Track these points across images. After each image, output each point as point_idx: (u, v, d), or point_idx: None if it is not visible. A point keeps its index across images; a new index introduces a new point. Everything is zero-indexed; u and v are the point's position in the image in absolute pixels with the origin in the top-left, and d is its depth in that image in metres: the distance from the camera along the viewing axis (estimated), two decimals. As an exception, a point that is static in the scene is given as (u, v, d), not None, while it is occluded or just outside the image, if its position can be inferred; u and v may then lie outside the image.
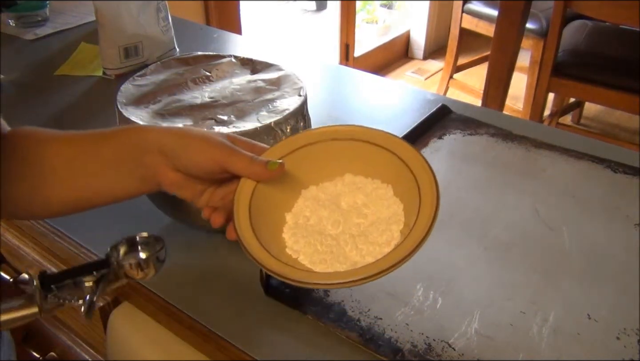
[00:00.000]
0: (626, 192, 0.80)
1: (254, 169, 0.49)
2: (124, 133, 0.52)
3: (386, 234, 0.50)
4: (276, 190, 0.51)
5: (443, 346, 0.57)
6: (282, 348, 0.58)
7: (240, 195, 0.50)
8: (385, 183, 0.54)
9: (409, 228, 0.47)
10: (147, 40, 1.12)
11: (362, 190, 0.54)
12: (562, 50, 1.85)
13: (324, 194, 0.54)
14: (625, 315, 0.61)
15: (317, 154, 0.53)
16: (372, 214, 0.52)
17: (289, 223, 0.52)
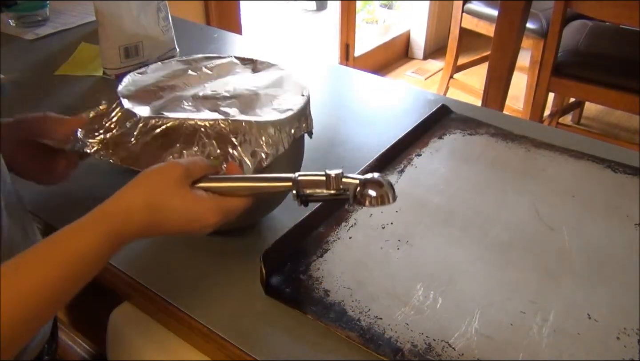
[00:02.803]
0: (626, 192, 0.80)
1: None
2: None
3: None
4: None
5: (443, 346, 0.57)
6: (282, 348, 0.58)
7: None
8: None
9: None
10: (147, 40, 1.12)
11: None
12: (562, 50, 1.85)
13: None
14: (625, 315, 0.61)
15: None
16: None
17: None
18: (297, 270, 0.66)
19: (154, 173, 0.54)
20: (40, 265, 0.47)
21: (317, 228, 0.72)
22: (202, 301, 0.63)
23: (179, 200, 0.53)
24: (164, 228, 0.53)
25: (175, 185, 0.53)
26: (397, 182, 0.82)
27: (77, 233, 0.50)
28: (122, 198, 0.53)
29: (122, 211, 0.52)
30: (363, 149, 0.89)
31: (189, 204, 0.53)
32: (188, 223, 0.54)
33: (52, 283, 0.47)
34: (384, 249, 0.70)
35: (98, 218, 0.51)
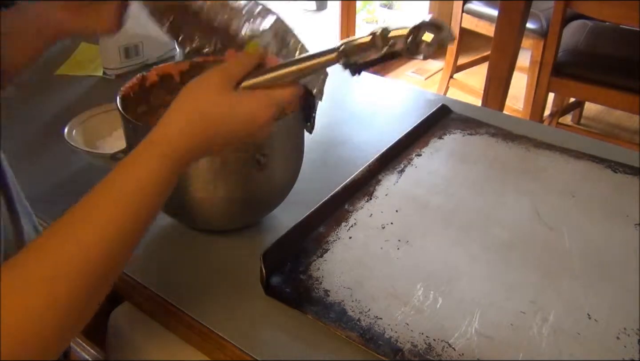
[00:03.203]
0: (626, 192, 0.80)
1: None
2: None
3: None
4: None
5: (443, 346, 0.57)
6: (282, 348, 0.58)
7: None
8: None
9: None
10: (147, 40, 1.12)
11: None
12: (562, 50, 1.85)
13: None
14: (625, 315, 0.61)
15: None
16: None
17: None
18: (297, 270, 0.66)
19: (194, 87, 0.53)
20: (101, 207, 0.45)
21: (317, 228, 0.72)
22: (202, 301, 0.63)
23: (224, 106, 0.51)
24: (218, 138, 0.51)
25: (217, 93, 0.51)
26: (397, 182, 0.82)
27: (131, 165, 0.48)
28: (168, 118, 0.51)
29: (172, 130, 0.50)
30: (363, 149, 0.89)
31: (237, 108, 0.51)
32: (243, 126, 0.52)
33: (118, 224, 0.44)
34: (384, 249, 0.70)
35: (148, 145, 0.49)
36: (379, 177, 0.82)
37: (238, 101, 0.52)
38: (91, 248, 0.43)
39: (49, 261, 0.41)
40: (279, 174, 0.69)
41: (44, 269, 0.41)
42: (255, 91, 0.53)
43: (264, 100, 0.53)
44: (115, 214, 0.45)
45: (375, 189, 0.80)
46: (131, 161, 0.48)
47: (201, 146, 0.51)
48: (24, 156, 0.88)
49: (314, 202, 0.73)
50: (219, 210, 0.68)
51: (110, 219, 0.44)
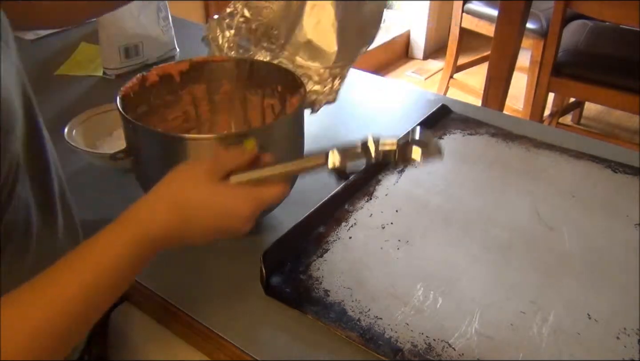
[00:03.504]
0: (626, 192, 0.80)
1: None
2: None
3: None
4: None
5: (443, 346, 0.57)
6: (282, 348, 0.58)
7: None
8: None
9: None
10: (147, 40, 1.12)
11: None
12: (562, 50, 1.85)
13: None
14: (625, 315, 0.61)
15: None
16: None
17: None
18: (297, 270, 0.66)
19: (180, 171, 0.52)
20: (67, 279, 0.44)
21: (317, 228, 0.72)
22: (202, 301, 0.63)
23: (206, 194, 0.50)
24: (195, 228, 0.50)
25: (203, 180, 0.50)
26: (397, 182, 0.82)
27: (102, 241, 0.47)
28: (148, 199, 0.50)
29: (148, 212, 0.49)
30: (363, 149, 0.89)
31: (219, 199, 0.50)
32: (220, 218, 0.51)
33: (81, 298, 0.44)
34: (384, 249, 0.70)
35: (123, 223, 0.48)
36: (379, 177, 0.82)
37: (222, 192, 0.51)
38: (40, 325, 0.42)
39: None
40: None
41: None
42: (241, 186, 0.53)
43: (248, 196, 0.52)
44: (72, 293, 0.44)
45: (375, 189, 0.80)
46: (102, 237, 0.47)
47: (176, 234, 0.50)
48: (24, 156, 0.88)
49: (314, 202, 0.73)
50: (219, 210, 0.68)
51: (66, 298, 0.43)
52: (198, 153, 0.62)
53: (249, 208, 0.51)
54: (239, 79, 0.78)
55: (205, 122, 0.81)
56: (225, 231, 0.52)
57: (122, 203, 0.70)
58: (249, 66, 0.77)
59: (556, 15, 1.75)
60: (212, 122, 0.81)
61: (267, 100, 0.78)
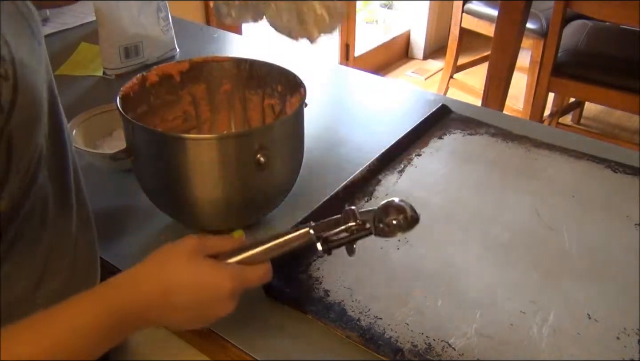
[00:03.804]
0: (626, 192, 0.80)
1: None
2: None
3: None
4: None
5: (443, 346, 0.57)
6: (282, 348, 0.58)
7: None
8: None
9: None
10: (147, 40, 1.12)
11: None
12: (562, 50, 1.85)
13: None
14: (625, 315, 0.61)
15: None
16: None
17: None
18: (297, 270, 0.66)
19: (165, 248, 0.52)
20: (26, 343, 0.43)
21: (317, 228, 0.72)
22: (202, 301, 0.63)
23: (189, 270, 0.50)
24: (176, 302, 0.49)
25: (186, 257, 0.50)
26: (397, 182, 0.82)
27: (73, 306, 0.46)
28: (129, 272, 0.50)
29: (127, 284, 0.49)
30: (363, 149, 0.89)
31: (201, 274, 0.50)
32: (202, 295, 0.50)
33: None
34: (384, 249, 0.70)
35: (100, 291, 0.48)
36: (379, 177, 0.82)
37: (204, 269, 0.50)
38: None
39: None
40: (279, 174, 0.69)
41: None
42: (224, 263, 0.53)
43: (231, 273, 0.51)
44: (37, 354, 0.43)
45: (375, 189, 0.80)
46: (75, 302, 0.46)
47: (156, 311, 0.49)
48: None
49: (314, 202, 0.73)
50: (219, 210, 0.68)
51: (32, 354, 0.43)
52: (198, 153, 0.62)
53: (231, 286, 0.51)
54: (239, 79, 0.79)
55: (205, 122, 0.81)
56: (206, 309, 0.51)
57: (122, 203, 0.70)
58: (249, 66, 0.77)
59: (556, 15, 1.75)
60: (212, 122, 0.81)
61: (267, 100, 0.79)
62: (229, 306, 0.52)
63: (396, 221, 0.52)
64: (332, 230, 0.54)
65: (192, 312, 0.51)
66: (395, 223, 0.52)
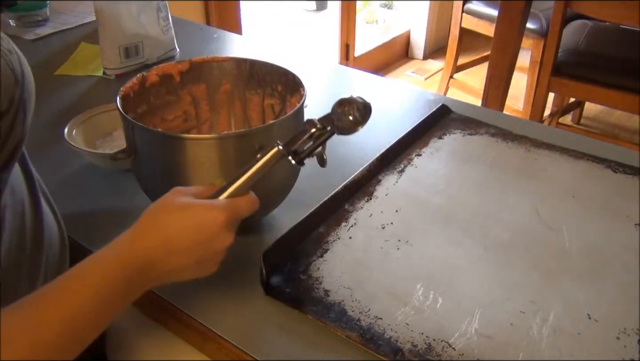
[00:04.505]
0: (626, 192, 0.80)
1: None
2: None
3: None
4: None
5: (443, 346, 0.57)
6: (282, 348, 0.58)
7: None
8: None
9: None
10: (147, 40, 1.12)
11: None
12: (562, 50, 1.85)
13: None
14: (625, 315, 0.61)
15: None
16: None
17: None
18: (297, 270, 0.66)
19: (153, 205, 0.53)
20: (66, 299, 0.45)
21: (317, 228, 0.72)
22: (202, 301, 0.63)
23: (180, 215, 0.51)
24: (177, 248, 0.51)
25: (174, 204, 0.52)
26: (397, 182, 0.82)
27: (71, 278, 0.47)
28: (124, 235, 0.51)
29: (124, 247, 0.50)
30: (363, 149, 0.89)
31: (192, 214, 0.51)
32: (198, 230, 0.51)
33: (80, 317, 0.45)
34: (384, 249, 0.70)
35: (105, 251, 0.49)
36: (379, 177, 0.82)
37: (194, 206, 0.52)
38: (38, 340, 0.43)
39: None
40: (279, 174, 0.69)
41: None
42: (211, 200, 0.54)
43: (220, 205, 0.53)
44: (69, 315, 0.45)
45: (375, 189, 0.80)
46: (86, 265, 0.48)
47: (157, 249, 0.50)
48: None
49: (314, 202, 0.73)
50: (219, 210, 0.68)
51: (63, 318, 0.44)
52: (198, 153, 0.62)
53: (225, 217, 0.52)
54: (239, 79, 0.79)
55: (205, 122, 0.81)
56: (206, 246, 0.52)
57: (123, 203, 0.70)
58: (249, 66, 0.78)
59: (556, 15, 1.75)
60: (212, 122, 0.81)
61: (267, 100, 0.79)
62: (227, 237, 0.53)
63: (352, 116, 0.57)
64: (299, 141, 0.57)
65: (195, 253, 0.52)
66: (352, 117, 0.57)
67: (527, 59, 2.32)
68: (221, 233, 0.52)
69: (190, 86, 0.77)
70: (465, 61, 2.69)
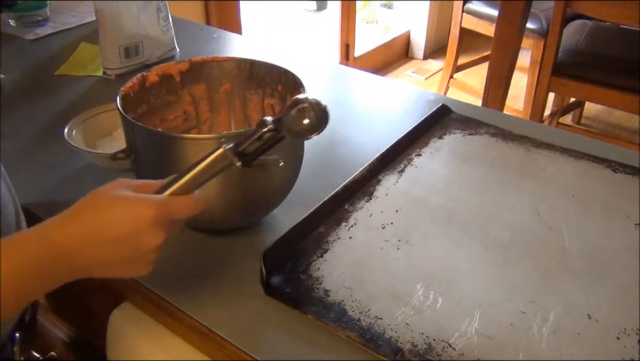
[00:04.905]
0: (626, 192, 0.80)
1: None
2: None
3: None
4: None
5: (443, 346, 0.57)
6: (282, 348, 0.58)
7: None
8: None
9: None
10: (147, 40, 1.12)
11: None
12: (562, 50, 1.85)
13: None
14: (625, 315, 0.61)
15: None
16: None
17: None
18: (297, 270, 0.66)
19: (91, 192, 0.51)
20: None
21: (317, 228, 0.72)
22: (202, 301, 0.63)
23: (111, 205, 0.49)
24: (104, 239, 0.49)
25: (108, 194, 0.50)
26: (397, 182, 0.82)
27: (14, 241, 0.47)
28: (62, 213, 0.50)
29: (57, 222, 0.48)
30: (363, 149, 0.89)
31: (121, 207, 0.49)
32: (126, 223, 0.49)
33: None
34: (384, 249, 0.70)
35: (35, 230, 0.48)
36: (379, 177, 0.82)
37: (124, 199, 0.50)
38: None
39: None
40: (279, 174, 0.69)
41: None
42: (146, 194, 0.51)
43: (152, 200, 0.50)
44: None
45: (375, 189, 0.80)
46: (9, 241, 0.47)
47: (87, 249, 0.48)
48: (24, 155, 0.88)
49: (314, 202, 0.73)
50: (219, 210, 0.68)
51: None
52: (198, 153, 0.62)
53: (153, 214, 0.49)
54: (239, 79, 0.79)
55: (205, 122, 0.81)
56: (133, 241, 0.49)
57: (122, 203, 0.69)
58: (249, 66, 0.78)
59: (556, 15, 1.75)
60: (212, 122, 0.81)
61: (267, 100, 0.79)
62: (156, 236, 0.50)
63: (308, 119, 0.51)
64: (247, 142, 0.53)
65: (121, 247, 0.49)
66: (307, 121, 0.51)
67: (527, 59, 2.33)
68: (150, 230, 0.49)
69: (190, 85, 0.78)
70: (465, 60, 2.69)
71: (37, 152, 0.89)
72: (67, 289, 0.52)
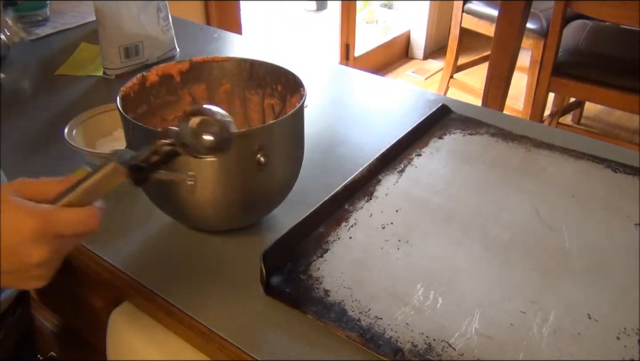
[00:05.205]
0: (626, 192, 0.80)
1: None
2: None
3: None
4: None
5: (443, 346, 0.57)
6: (282, 348, 0.58)
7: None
8: None
9: None
10: (147, 40, 1.12)
11: None
12: (562, 50, 1.85)
13: None
14: (625, 315, 0.61)
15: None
16: None
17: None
18: (297, 270, 0.66)
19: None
20: None
21: (317, 228, 0.72)
22: (202, 301, 0.63)
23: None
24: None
25: (2, 194, 0.45)
26: (397, 182, 0.82)
27: None
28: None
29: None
30: (363, 149, 0.89)
31: (5, 208, 0.44)
32: (6, 232, 0.44)
33: None
34: (384, 249, 0.70)
35: None
36: (379, 177, 0.82)
37: (8, 201, 0.44)
38: None
39: None
40: (279, 174, 0.69)
41: None
42: (29, 202, 0.46)
43: (34, 210, 0.45)
44: None
45: (375, 189, 0.80)
46: None
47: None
48: (24, 155, 0.88)
49: (314, 202, 0.73)
50: (219, 210, 0.68)
51: None
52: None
53: (33, 226, 0.44)
54: (239, 79, 0.79)
55: (205, 122, 0.81)
56: (12, 253, 0.44)
57: (122, 202, 0.70)
58: (249, 66, 0.78)
59: (556, 15, 1.75)
60: (212, 122, 0.81)
61: (267, 100, 0.79)
62: (37, 251, 0.44)
63: (208, 135, 0.46)
64: (141, 157, 0.48)
65: (2, 258, 0.44)
66: (206, 138, 0.46)
67: (527, 59, 2.33)
68: (28, 242, 0.44)
69: (190, 85, 0.78)
70: (466, 60, 2.69)
71: (37, 152, 0.89)
72: (67, 289, 0.52)
